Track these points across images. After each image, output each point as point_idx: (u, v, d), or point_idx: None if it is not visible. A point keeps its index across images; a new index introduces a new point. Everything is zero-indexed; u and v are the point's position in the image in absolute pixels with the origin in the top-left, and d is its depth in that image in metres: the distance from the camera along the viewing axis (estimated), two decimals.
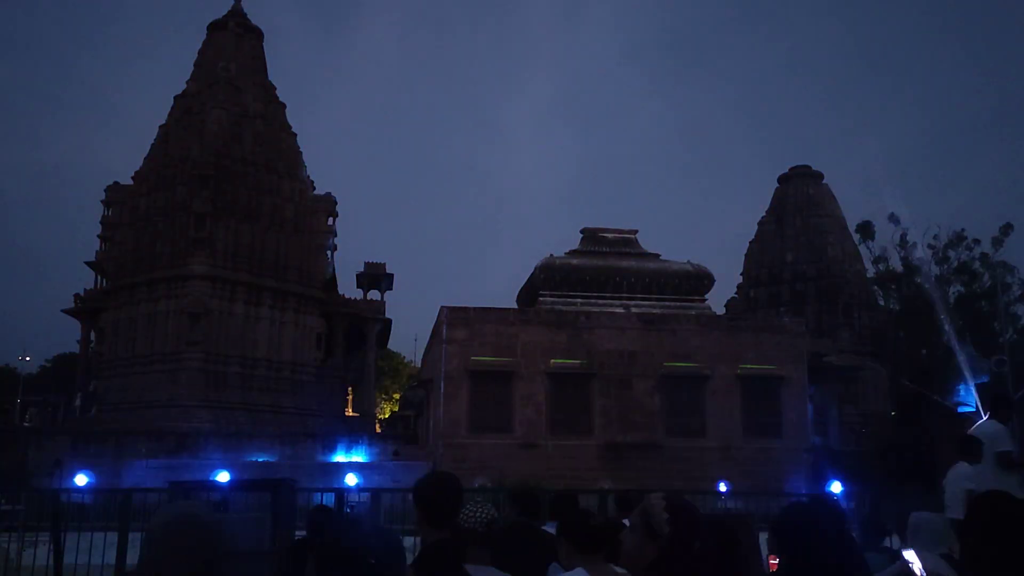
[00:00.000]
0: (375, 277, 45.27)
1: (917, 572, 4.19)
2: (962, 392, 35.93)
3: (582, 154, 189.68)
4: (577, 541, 3.11)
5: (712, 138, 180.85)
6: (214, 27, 42.16)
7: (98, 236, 42.72)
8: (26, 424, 41.00)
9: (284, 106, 42.10)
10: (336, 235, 41.95)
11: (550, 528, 4.63)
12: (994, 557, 2.32)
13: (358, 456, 31.63)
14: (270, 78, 42.54)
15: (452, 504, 3.25)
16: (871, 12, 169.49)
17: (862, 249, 44.22)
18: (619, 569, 2.89)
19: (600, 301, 31.70)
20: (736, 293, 46.91)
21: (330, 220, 41.70)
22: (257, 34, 42.81)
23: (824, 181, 46.95)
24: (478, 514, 3.50)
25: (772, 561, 4.94)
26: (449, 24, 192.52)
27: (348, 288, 45.63)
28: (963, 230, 43.24)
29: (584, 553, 3.07)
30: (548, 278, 32.06)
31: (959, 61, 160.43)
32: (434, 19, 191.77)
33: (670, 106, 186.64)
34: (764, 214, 47.45)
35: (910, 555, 4.35)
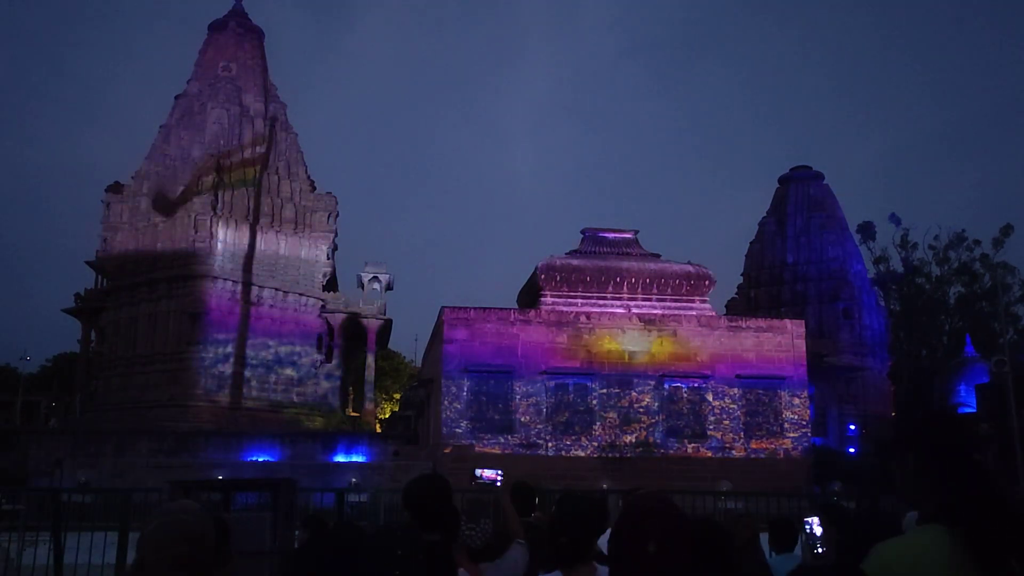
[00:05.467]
0: (375, 277, 45.30)
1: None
2: (962, 392, 35.96)
3: (581, 153, 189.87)
4: (578, 552, 2.98)
5: (712, 138, 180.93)
6: (215, 27, 42.19)
7: (99, 236, 42.75)
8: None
9: (285, 106, 42.15)
10: (336, 235, 41.99)
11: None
12: None
13: (358, 456, 31.64)
14: (271, 78, 42.56)
15: (443, 505, 3.24)
16: (869, 12, 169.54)
17: (862, 249, 44.24)
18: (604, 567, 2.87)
19: (600, 301, 31.70)
20: (736, 293, 46.88)
21: (330, 220, 41.72)
22: (258, 34, 42.83)
23: (824, 181, 46.94)
24: (468, 534, 3.58)
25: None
26: (447, 22, 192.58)
27: (348, 288, 45.66)
28: (963, 231, 43.33)
29: (579, 566, 2.94)
30: (548, 278, 32.07)
31: (959, 61, 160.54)
32: (432, 17, 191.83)
33: (669, 105, 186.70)
34: (764, 214, 47.42)
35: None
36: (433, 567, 2.98)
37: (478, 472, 4.58)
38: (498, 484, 4.42)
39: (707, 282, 33.43)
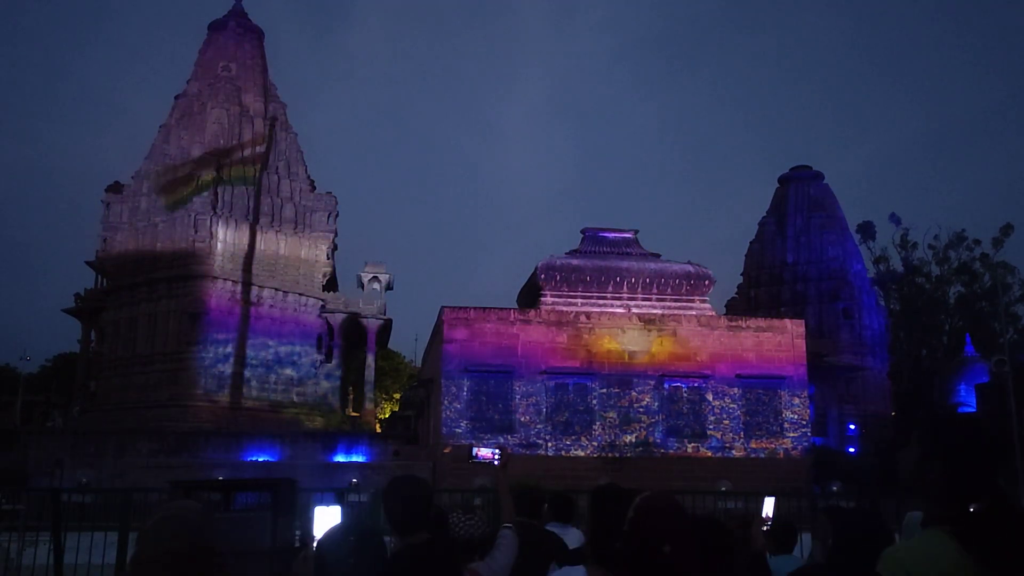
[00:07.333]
0: (375, 277, 45.31)
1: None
2: (962, 392, 35.98)
3: (581, 153, 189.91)
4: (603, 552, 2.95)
5: (712, 138, 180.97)
6: (215, 27, 42.17)
7: (99, 236, 42.78)
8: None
9: (285, 106, 42.13)
10: (336, 235, 41.99)
11: (555, 528, 4.64)
12: None
13: (358, 456, 31.64)
14: (270, 78, 42.55)
15: (418, 508, 3.17)
16: (869, 11, 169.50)
17: (862, 249, 44.29)
18: None
19: (600, 301, 31.71)
20: (736, 293, 46.87)
21: (330, 220, 41.72)
22: (257, 34, 42.81)
23: (824, 181, 46.95)
24: (467, 524, 3.55)
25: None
26: (446, 23, 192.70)
27: (348, 288, 45.67)
28: (963, 230, 43.39)
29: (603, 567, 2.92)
30: (549, 278, 32.08)
31: (959, 60, 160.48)
32: (429, 19, 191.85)
33: (669, 105, 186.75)
34: (764, 214, 47.41)
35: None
36: (418, 569, 2.96)
37: (475, 451, 4.58)
38: (495, 463, 4.42)
39: (707, 282, 33.43)
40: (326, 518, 3.92)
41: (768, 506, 4.58)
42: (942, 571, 1.95)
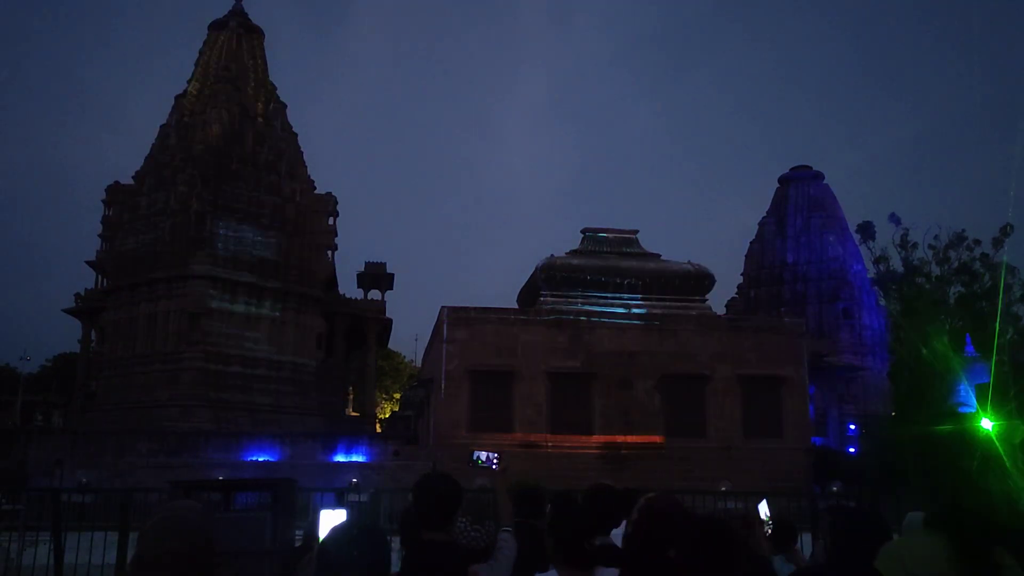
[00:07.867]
0: (375, 277, 45.29)
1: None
2: (962, 392, 35.95)
3: (581, 154, 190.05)
4: (567, 554, 2.94)
5: (712, 138, 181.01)
6: (215, 27, 42.16)
7: (99, 236, 42.80)
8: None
9: (285, 106, 42.12)
10: (336, 235, 41.97)
11: None
12: None
13: (358, 456, 31.62)
14: (271, 78, 42.54)
15: (448, 508, 3.26)
16: (869, 11, 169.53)
17: (862, 249, 44.23)
18: (609, 570, 2.87)
19: (600, 301, 31.70)
20: (736, 293, 46.88)
21: (330, 220, 41.70)
22: (258, 34, 42.81)
23: (824, 181, 46.95)
24: (472, 535, 3.57)
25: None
26: (443, 23, 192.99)
27: (348, 288, 45.68)
28: (963, 231, 43.34)
29: (572, 567, 2.89)
30: (548, 278, 32.06)
31: (959, 60, 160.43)
32: (428, 19, 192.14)
33: (669, 105, 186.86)
34: (764, 214, 47.41)
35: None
36: (432, 565, 2.98)
37: (476, 454, 4.63)
38: (494, 467, 4.45)
39: (707, 282, 33.42)
40: (331, 521, 3.94)
41: (764, 508, 4.58)
42: (938, 568, 2.03)
